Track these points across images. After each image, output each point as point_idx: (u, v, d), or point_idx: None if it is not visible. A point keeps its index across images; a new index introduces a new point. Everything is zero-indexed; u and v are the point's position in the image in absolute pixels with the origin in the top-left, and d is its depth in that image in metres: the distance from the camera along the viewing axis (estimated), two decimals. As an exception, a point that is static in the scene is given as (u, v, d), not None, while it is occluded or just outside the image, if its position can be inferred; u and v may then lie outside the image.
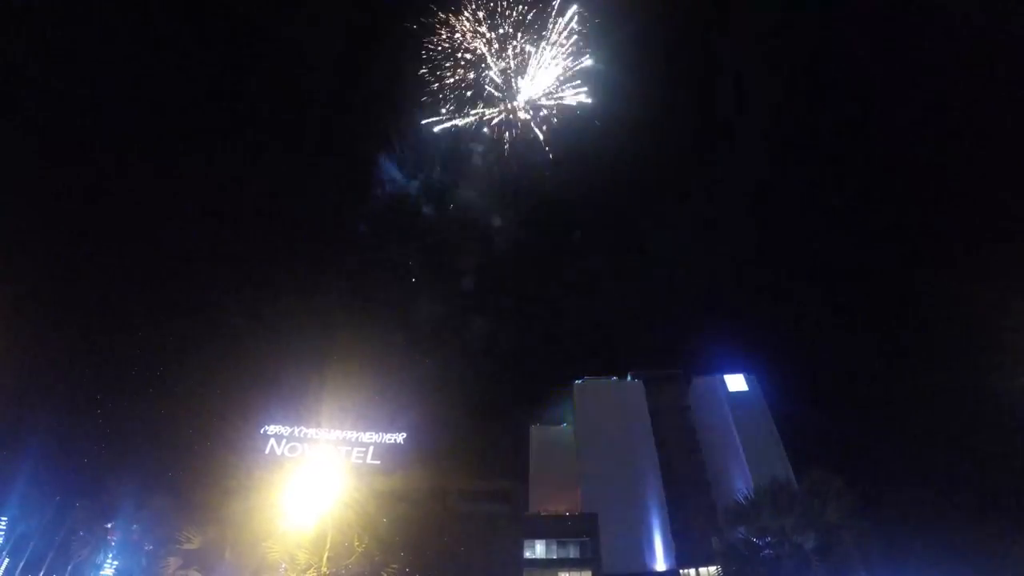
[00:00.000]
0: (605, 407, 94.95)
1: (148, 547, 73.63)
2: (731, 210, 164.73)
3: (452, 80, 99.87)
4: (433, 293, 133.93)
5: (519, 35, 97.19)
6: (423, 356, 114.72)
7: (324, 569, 54.77)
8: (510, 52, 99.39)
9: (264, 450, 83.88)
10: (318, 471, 70.81)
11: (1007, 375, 62.07)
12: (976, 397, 70.39)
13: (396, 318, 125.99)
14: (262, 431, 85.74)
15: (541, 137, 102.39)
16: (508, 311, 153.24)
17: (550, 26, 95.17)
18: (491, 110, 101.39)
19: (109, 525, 73.85)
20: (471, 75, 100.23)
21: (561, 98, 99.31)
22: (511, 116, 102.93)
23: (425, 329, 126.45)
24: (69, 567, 70.18)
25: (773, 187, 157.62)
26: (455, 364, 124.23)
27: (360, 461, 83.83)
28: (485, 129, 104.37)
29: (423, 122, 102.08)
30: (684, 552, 79.57)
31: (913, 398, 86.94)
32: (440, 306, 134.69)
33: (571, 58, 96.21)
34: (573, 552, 77.72)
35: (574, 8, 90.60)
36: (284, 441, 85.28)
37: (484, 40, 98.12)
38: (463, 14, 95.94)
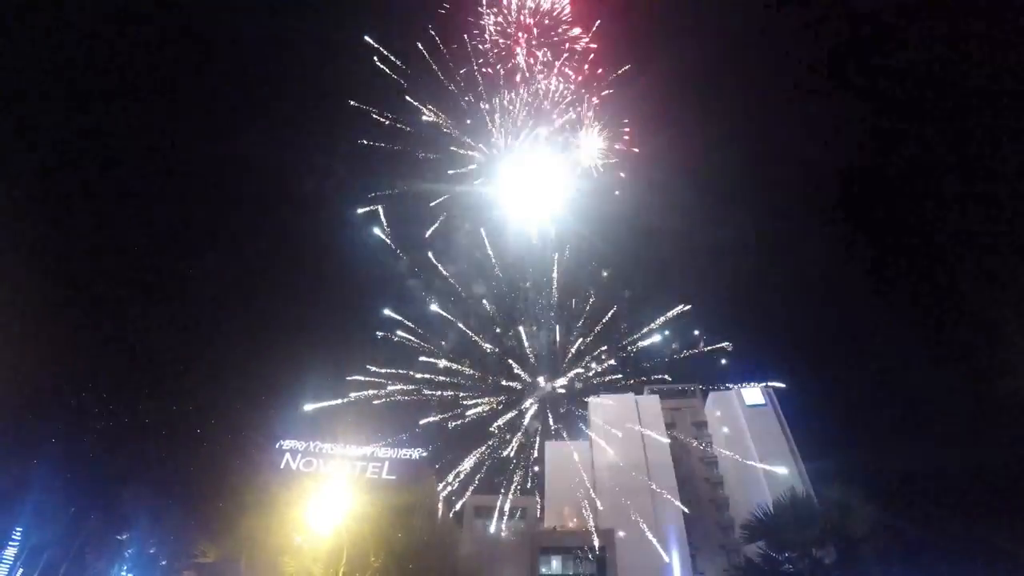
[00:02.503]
0: (621, 422, 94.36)
1: (163, 561, 73.79)
2: (746, 222, 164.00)
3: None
4: (449, 309, 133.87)
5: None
6: (437, 371, 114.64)
7: (339, 583, 54.73)
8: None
9: (280, 465, 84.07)
10: (334, 486, 70.90)
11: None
12: (1001, 406, 69.50)
13: (411, 331, 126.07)
14: (278, 446, 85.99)
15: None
16: (524, 325, 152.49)
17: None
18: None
19: (124, 537, 74.03)
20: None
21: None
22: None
23: (440, 344, 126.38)
24: (83, 578, 70.37)
25: (788, 198, 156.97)
26: (470, 379, 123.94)
27: (375, 476, 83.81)
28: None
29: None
30: (701, 568, 78.89)
31: (934, 408, 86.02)
32: (454, 321, 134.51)
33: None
34: (589, 568, 77.12)
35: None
36: (300, 456, 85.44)
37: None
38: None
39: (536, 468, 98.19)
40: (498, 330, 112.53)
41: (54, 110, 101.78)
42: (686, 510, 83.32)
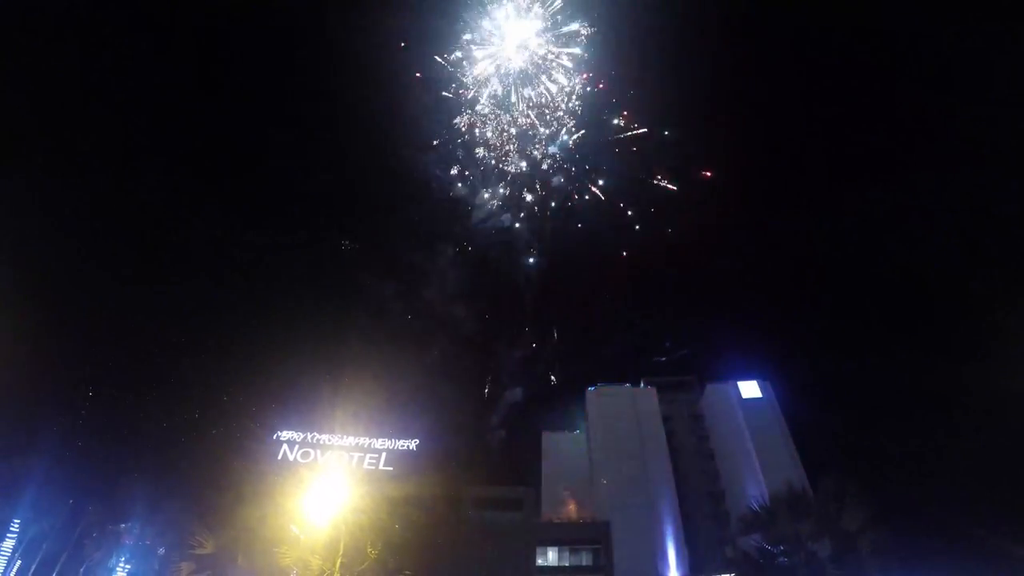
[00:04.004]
0: (618, 414, 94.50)
1: (160, 551, 73.94)
2: (743, 214, 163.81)
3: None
4: (447, 302, 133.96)
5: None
6: (436, 363, 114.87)
7: (337, 575, 54.69)
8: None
9: (277, 456, 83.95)
10: (331, 477, 70.90)
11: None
12: (997, 401, 69.63)
13: (409, 325, 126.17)
14: (275, 437, 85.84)
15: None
16: (521, 318, 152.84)
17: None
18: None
19: (122, 528, 74.19)
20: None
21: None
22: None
23: (438, 336, 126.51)
24: (82, 569, 70.53)
25: (785, 190, 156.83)
26: (468, 370, 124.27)
27: (373, 467, 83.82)
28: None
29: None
30: (697, 560, 79.13)
31: (930, 402, 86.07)
32: (454, 314, 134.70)
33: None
34: (585, 559, 77.46)
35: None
36: (297, 447, 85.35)
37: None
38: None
39: (533, 459, 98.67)
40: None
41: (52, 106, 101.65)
42: (682, 502, 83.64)
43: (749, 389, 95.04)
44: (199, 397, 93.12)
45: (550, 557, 77.73)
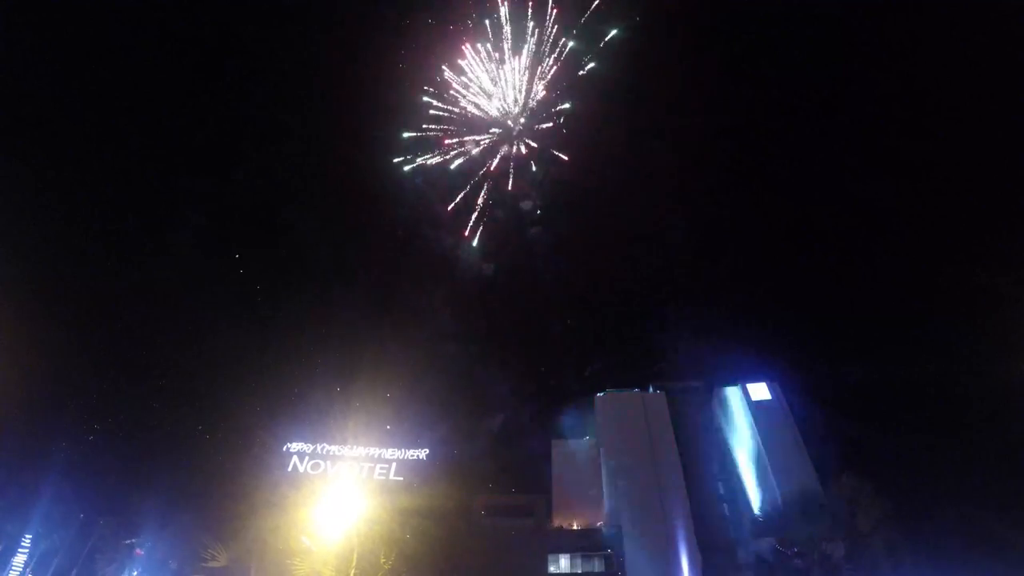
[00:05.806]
0: (627, 419, 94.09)
1: (173, 564, 74.04)
2: (749, 216, 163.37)
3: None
4: (455, 309, 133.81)
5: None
6: (444, 372, 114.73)
7: (351, 586, 54.85)
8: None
9: (287, 467, 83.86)
10: (342, 488, 71.03)
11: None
12: (1011, 398, 69.32)
13: (418, 334, 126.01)
14: (285, 448, 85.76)
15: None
16: (529, 324, 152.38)
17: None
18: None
19: (133, 541, 74.35)
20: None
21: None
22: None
23: (447, 345, 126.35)
24: (93, 583, 70.72)
25: (792, 191, 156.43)
26: (477, 379, 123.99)
27: (383, 477, 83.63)
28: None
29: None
30: (710, 563, 78.61)
31: (941, 400, 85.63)
32: (461, 322, 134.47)
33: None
34: (598, 566, 77.33)
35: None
36: (307, 458, 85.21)
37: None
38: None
39: (543, 466, 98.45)
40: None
41: (59, 106, 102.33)
42: (693, 506, 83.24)
43: (758, 391, 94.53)
44: (208, 410, 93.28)
45: (562, 564, 77.66)
